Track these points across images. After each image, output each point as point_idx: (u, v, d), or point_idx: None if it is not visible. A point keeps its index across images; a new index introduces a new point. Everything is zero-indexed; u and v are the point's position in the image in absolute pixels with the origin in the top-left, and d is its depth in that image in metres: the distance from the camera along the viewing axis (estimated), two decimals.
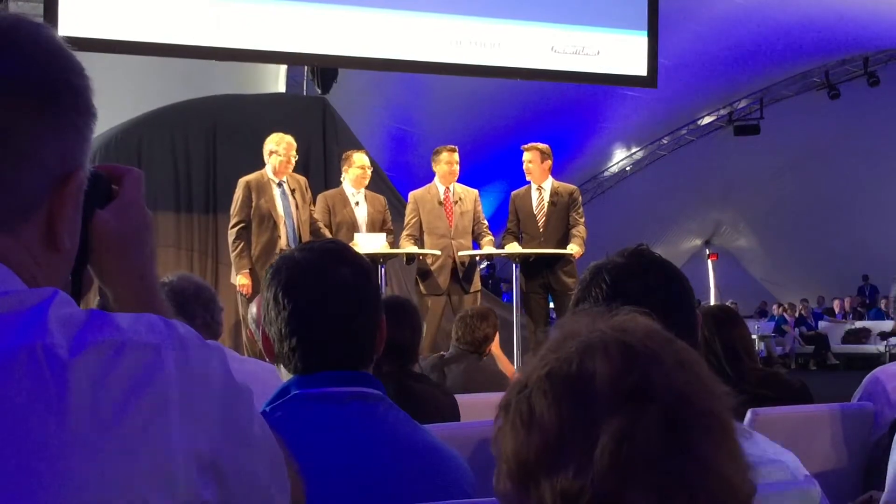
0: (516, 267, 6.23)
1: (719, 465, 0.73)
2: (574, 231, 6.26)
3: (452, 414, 2.66)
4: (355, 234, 5.99)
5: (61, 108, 0.78)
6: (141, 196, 0.94)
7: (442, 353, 4.48)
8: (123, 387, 0.66)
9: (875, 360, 11.74)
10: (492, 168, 13.62)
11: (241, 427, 0.75)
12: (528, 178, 6.44)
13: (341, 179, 6.44)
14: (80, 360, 0.65)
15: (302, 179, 6.21)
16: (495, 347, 4.32)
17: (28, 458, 0.62)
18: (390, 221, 6.41)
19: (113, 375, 0.66)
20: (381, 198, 6.49)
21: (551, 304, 6.58)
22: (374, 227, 6.24)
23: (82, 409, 0.64)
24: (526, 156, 6.43)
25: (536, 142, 6.57)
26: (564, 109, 14.17)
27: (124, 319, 0.70)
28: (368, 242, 5.81)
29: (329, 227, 6.16)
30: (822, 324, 15.70)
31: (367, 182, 6.31)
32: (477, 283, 6.44)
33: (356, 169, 6.24)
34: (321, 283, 1.43)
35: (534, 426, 0.75)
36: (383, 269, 5.99)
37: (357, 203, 6.25)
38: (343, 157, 6.50)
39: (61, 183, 0.78)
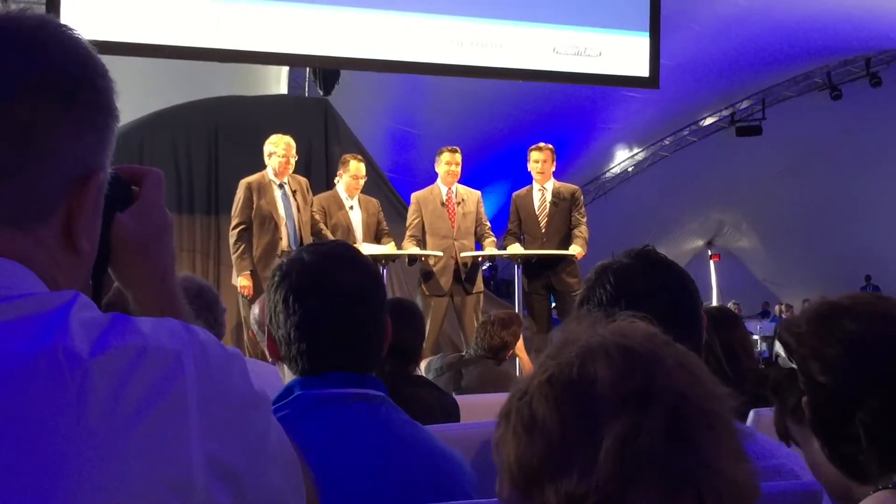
0: (518, 268, 6.23)
1: (723, 465, 0.73)
2: (576, 231, 6.26)
3: (448, 418, 2.65)
4: (362, 244, 5.98)
5: (82, 108, 0.78)
6: (161, 197, 0.94)
7: (462, 353, 4.49)
8: (143, 391, 0.66)
9: None
10: (494, 169, 13.61)
11: (258, 435, 0.75)
12: (536, 179, 6.41)
13: (335, 182, 6.44)
14: (100, 362, 0.65)
15: (303, 181, 6.21)
16: (520, 350, 4.33)
17: (46, 460, 0.62)
18: (385, 222, 6.41)
19: (133, 379, 0.66)
20: (375, 201, 6.49)
21: (553, 305, 6.58)
22: (369, 230, 6.24)
23: (101, 411, 0.64)
24: (538, 156, 6.38)
25: (539, 142, 6.57)
26: (566, 110, 14.16)
27: (146, 324, 0.70)
28: (373, 251, 5.81)
29: None
30: None
31: (358, 191, 6.30)
32: (479, 284, 6.44)
33: (349, 178, 6.23)
34: (331, 289, 1.43)
35: (536, 431, 0.75)
36: (385, 271, 5.99)
37: (351, 207, 6.25)
38: (341, 160, 6.49)
39: (80, 184, 0.78)
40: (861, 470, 1.13)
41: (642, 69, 8.47)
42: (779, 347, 1.23)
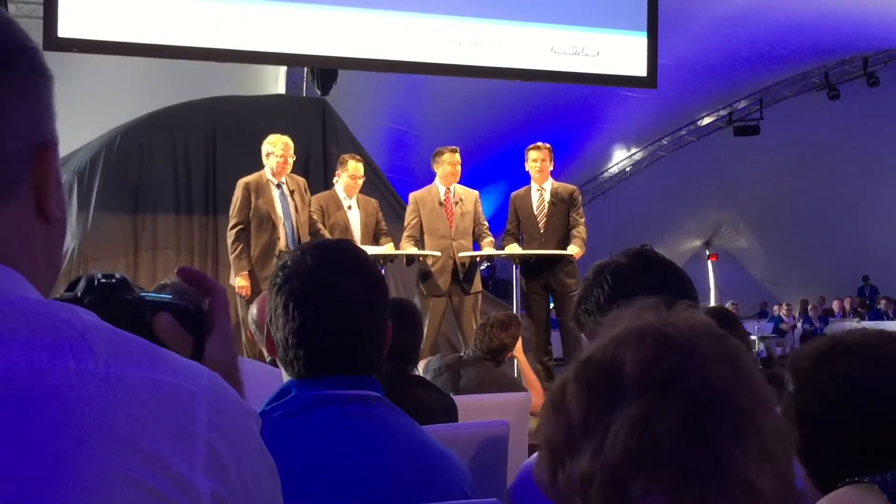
0: (516, 268, 6.23)
1: (742, 464, 0.71)
2: (574, 232, 6.25)
3: (447, 418, 2.65)
4: (361, 246, 5.96)
5: (23, 75, 0.76)
6: (230, 321, 0.95)
7: (461, 354, 4.49)
8: (152, 425, 0.65)
9: None
10: (492, 169, 13.61)
11: (265, 493, 0.74)
12: (534, 178, 6.40)
13: (333, 182, 6.44)
14: (114, 394, 0.64)
15: (301, 180, 6.20)
16: (518, 353, 4.33)
17: (52, 491, 0.61)
18: (383, 222, 6.41)
19: (145, 413, 0.65)
20: (373, 201, 6.49)
21: (552, 305, 6.57)
22: (367, 230, 6.23)
23: (111, 438, 0.63)
24: (536, 155, 6.37)
25: (537, 142, 6.56)
26: (564, 110, 14.16)
27: (167, 357, 0.70)
28: (371, 252, 5.80)
29: None
30: (828, 323, 15.69)
31: (357, 191, 6.29)
32: (478, 285, 6.43)
33: (348, 177, 6.22)
34: (332, 299, 1.41)
35: (562, 411, 0.76)
36: (384, 271, 5.99)
37: (349, 207, 6.24)
38: (339, 160, 6.49)
39: (40, 153, 0.76)
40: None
41: (640, 69, 8.48)
42: (788, 378, 1.31)
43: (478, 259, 6.48)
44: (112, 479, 0.62)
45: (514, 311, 6.28)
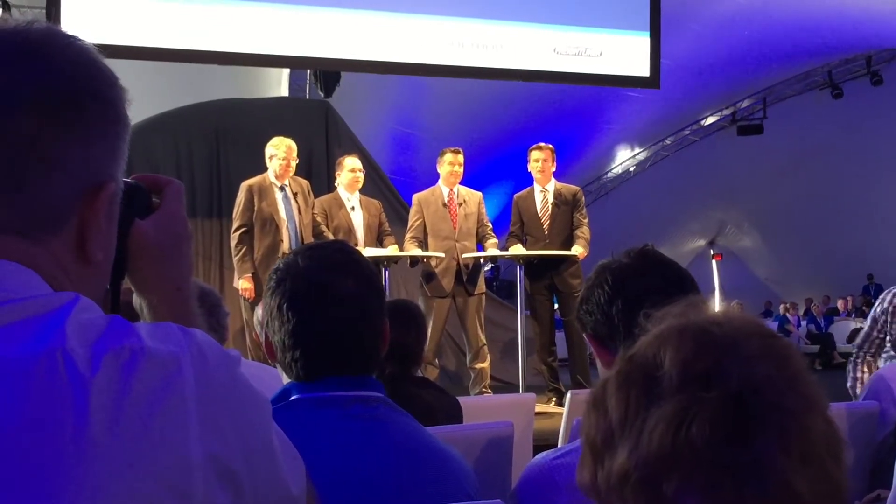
0: (520, 269, 6.22)
1: (782, 466, 0.68)
2: (578, 232, 6.24)
3: (451, 419, 2.65)
4: (364, 248, 5.96)
5: (90, 120, 0.78)
6: (182, 208, 0.95)
7: None
8: (143, 399, 0.66)
9: None
10: (495, 170, 13.61)
11: (258, 435, 0.75)
12: (537, 179, 6.40)
13: (336, 185, 6.45)
14: (100, 375, 0.65)
15: (304, 183, 6.21)
16: None
17: (46, 474, 0.61)
18: (387, 223, 6.40)
19: (132, 388, 0.65)
20: (377, 202, 6.48)
21: (556, 306, 6.57)
22: (370, 231, 6.23)
23: (102, 424, 0.63)
24: (538, 155, 6.36)
25: (539, 143, 6.56)
26: (567, 111, 14.15)
27: (143, 328, 0.70)
28: (374, 254, 5.79)
29: None
30: (833, 322, 15.65)
31: (360, 185, 6.29)
32: (481, 286, 6.42)
33: (348, 173, 6.23)
34: (325, 297, 1.42)
35: (602, 408, 0.75)
36: (387, 272, 5.98)
37: (353, 208, 6.24)
38: (336, 162, 6.51)
39: (92, 194, 0.78)
40: None
41: (643, 69, 8.46)
42: None
43: (482, 260, 6.47)
44: (106, 471, 0.63)
45: (519, 312, 6.28)
